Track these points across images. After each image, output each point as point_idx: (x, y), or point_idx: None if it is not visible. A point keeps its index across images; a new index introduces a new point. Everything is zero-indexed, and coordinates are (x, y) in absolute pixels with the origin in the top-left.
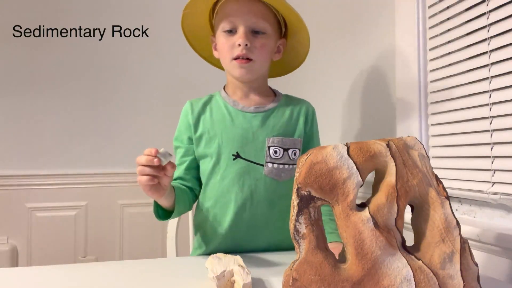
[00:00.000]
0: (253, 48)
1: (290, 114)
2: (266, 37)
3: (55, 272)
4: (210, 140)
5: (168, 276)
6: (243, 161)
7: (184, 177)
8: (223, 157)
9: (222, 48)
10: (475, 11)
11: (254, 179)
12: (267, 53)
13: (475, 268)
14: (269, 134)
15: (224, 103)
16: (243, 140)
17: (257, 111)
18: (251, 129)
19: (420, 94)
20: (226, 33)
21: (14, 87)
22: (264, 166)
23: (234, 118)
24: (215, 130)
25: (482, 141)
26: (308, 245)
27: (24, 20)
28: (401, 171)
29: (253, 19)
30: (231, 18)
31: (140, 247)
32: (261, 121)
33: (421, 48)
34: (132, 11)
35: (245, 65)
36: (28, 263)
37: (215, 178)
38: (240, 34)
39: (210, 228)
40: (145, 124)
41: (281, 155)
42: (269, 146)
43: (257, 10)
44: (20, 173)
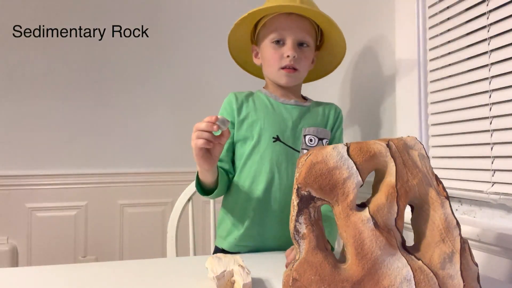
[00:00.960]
0: (299, 59)
1: (322, 112)
2: (309, 49)
3: (55, 272)
4: (253, 123)
5: (168, 276)
6: (282, 144)
7: (223, 158)
8: (263, 139)
9: (270, 58)
10: (475, 11)
11: (291, 163)
12: (308, 63)
13: (475, 268)
14: (305, 125)
15: (266, 96)
16: (283, 126)
17: (297, 104)
18: (291, 118)
19: (420, 94)
20: (274, 44)
21: (14, 87)
22: (300, 152)
23: (275, 108)
24: (258, 114)
25: (482, 141)
26: (308, 245)
27: (24, 20)
28: (401, 171)
29: (300, 33)
30: (281, 31)
31: (140, 247)
32: (299, 113)
33: (421, 48)
34: (132, 11)
35: (292, 74)
36: (28, 263)
37: (254, 157)
38: (289, 46)
39: (241, 208)
40: (145, 124)
41: (316, 143)
42: (305, 135)
43: (304, 26)
44: (20, 173)
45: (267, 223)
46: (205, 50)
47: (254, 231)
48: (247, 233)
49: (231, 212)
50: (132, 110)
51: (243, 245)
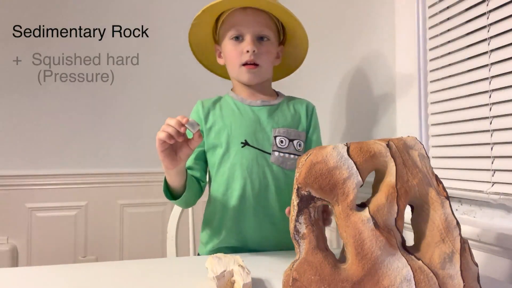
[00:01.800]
0: (259, 54)
1: (293, 110)
2: (270, 43)
3: (55, 272)
4: (220, 131)
5: (168, 276)
6: (252, 148)
7: (194, 166)
8: (232, 145)
9: (230, 55)
10: (475, 11)
11: (261, 166)
12: (271, 58)
13: (475, 268)
14: (275, 125)
15: (233, 100)
16: (251, 129)
17: (264, 105)
18: (259, 120)
19: (420, 94)
20: (233, 41)
21: (14, 87)
22: (271, 154)
23: (242, 112)
24: (224, 121)
25: (482, 141)
26: (308, 245)
27: (24, 20)
28: (401, 171)
29: (258, 27)
30: (238, 27)
31: (140, 247)
32: (267, 113)
33: (421, 48)
34: (132, 11)
35: (253, 70)
36: (28, 263)
37: (224, 166)
38: (248, 41)
39: (219, 217)
40: (145, 124)
41: (287, 145)
42: (275, 136)
43: (262, 19)
44: (20, 173)
45: (245, 229)
46: None
47: (232, 239)
48: (226, 241)
49: (210, 221)
50: (132, 110)
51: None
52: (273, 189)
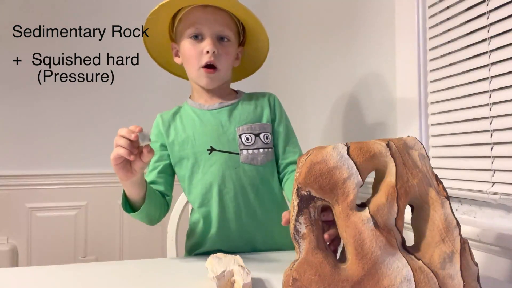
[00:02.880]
0: (219, 56)
1: (254, 104)
2: (230, 44)
3: (55, 272)
4: (183, 143)
5: (168, 276)
6: (219, 153)
7: (157, 180)
8: (199, 155)
9: (189, 55)
10: (475, 11)
11: (233, 168)
12: (231, 60)
13: (475, 268)
14: (237, 124)
15: (191, 108)
16: (214, 135)
17: (222, 106)
18: (220, 123)
19: (420, 94)
20: (192, 39)
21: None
22: (240, 154)
23: (202, 118)
24: (186, 132)
25: (482, 141)
26: (308, 245)
27: (24, 20)
28: (401, 171)
29: (219, 27)
30: (197, 26)
31: (140, 247)
32: (227, 114)
33: (421, 48)
34: (132, 11)
35: (211, 75)
36: (28, 263)
37: (196, 177)
38: (208, 41)
39: (201, 228)
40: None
41: (254, 141)
42: (240, 135)
43: (222, 18)
44: (20, 173)
45: (229, 234)
46: None
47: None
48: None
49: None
50: (132, 110)
51: None
52: (250, 188)
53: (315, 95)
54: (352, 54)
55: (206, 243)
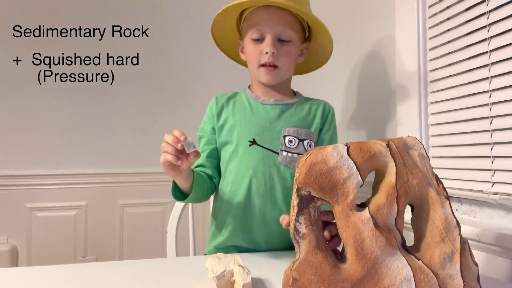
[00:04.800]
0: (279, 56)
1: (308, 109)
2: (291, 44)
3: (55, 272)
4: (231, 128)
5: (168, 276)
6: (259, 147)
7: (205, 164)
8: (241, 144)
9: (250, 55)
10: (475, 11)
11: (268, 166)
12: (292, 59)
13: (475, 268)
14: (285, 125)
15: (247, 97)
16: (260, 128)
17: (276, 104)
18: (269, 119)
19: (420, 94)
20: (254, 41)
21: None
22: (279, 154)
23: (253, 109)
24: (235, 119)
25: (482, 141)
26: (308, 245)
27: (24, 20)
28: (401, 171)
29: (280, 28)
30: (259, 27)
31: (140, 247)
32: (279, 112)
33: (421, 47)
34: (132, 11)
35: (271, 72)
36: (28, 263)
37: (232, 163)
38: (268, 42)
39: (224, 213)
40: (145, 124)
41: (296, 145)
42: (284, 136)
43: (284, 19)
44: (20, 173)
45: (251, 228)
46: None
47: (238, 238)
48: (232, 239)
49: (215, 218)
50: (132, 110)
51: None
52: (280, 189)
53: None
54: (352, 54)
55: (225, 232)
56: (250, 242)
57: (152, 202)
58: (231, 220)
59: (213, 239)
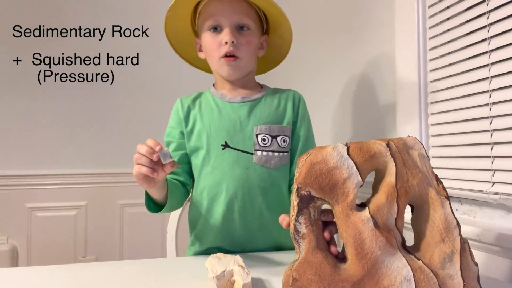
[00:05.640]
0: (239, 45)
1: (277, 102)
2: (250, 33)
3: (55, 272)
4: (200, 133)
5: (168, 276)
6: (232, 150)
7: (176, 171)
8: (213, 148)
9: (209, 47)
10: (475, 11)
11: (244, 168)
12: (253, 49)
13: (475, 268)
14: (256, 122)
15: (212, 97)
16: (231, 130)
17: (244, 101)
18: (239, 119)
19: (420, 94)
20: (211, 32)
21: (14, 87)
22: (253, 154)
23: (221, 110)
24: (203, 122)
25: (482, 141)
26: (308, 245)
27: (24, 20)
28: (401, 171)
29: (237, 16)
30: (215, 17)
31: (140, 247)
32: (248, 110)
33: (421, 48)
34: (132, 11)
35: (232, 63)
36: (28, 263)
37: (206, 169)
38: (226, 31)
39: (203, 222)
40: (145, 124)
41: (270, 143)
42: (257, 134)
43: (240, 7)
44: (20, 173)
45: (232, 231)
46: None
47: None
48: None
49: (193, 226)
50: (132, 110)
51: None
52: (258, 190)
53: (315, 95)
54: (351, 54)
55: (207, 238)
56: (233, 245)
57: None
58: (211, 227)
59: (192, 246)
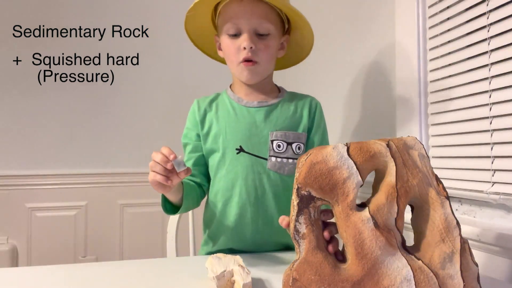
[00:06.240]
0: (257, 51)
1: (294, 108)
2: (270, 38)
3: (55, 272)
4: (216, 136)
5: (168, 276)
6: (247, 155)
7: (193, 172)
8: (228, 151)
9: (228, 51)
10: (475, 11)
11: (257, 173)
12: (272, 53)
13: (475, 268)
14: (272, 128)
15: (229, 99)
16: (246, 134)
17: (261, 106)
18: (255, 124)
19: (420, 94)
20: (230, 37)
21: (14, 87)
22: (268, 160)
23: (238, 113)
24: (220, 125)
25: (482, 141)
26: (308, 245)
27: (24, 20)
28: (401, 171)
29: (256, 21)
30: (234, 21)
31: (140, 247)
32: (264, 115)
33: (421, 48)
34: (132, 11)
35: (251, 67)
36: (28, 263)
37: (221, 172)
38: (245, 37)
39: (216, 223)
40: (145, 124)
41: (285, 149)
42: (272, 140)
43: (260, 11)
44: (20, 173)
45: (243, 234)
46: None
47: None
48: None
49: (208, 225)
50: (132, 110)
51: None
52: (271, 196)
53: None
54: (351, 54)
55: (219, 239)
56: (245, 248)
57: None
58: (224, 229)
59: (205, 245)
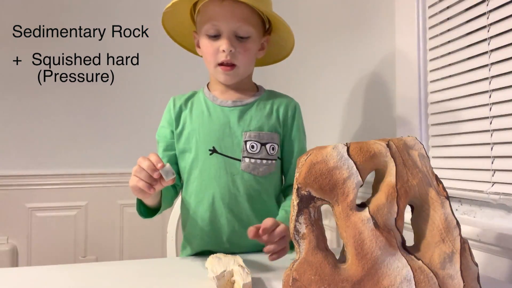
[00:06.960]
0: (237, 54)
1: (270, 108)
2: (249, 41)
3: (55, 272)
4: (189, 135)
5: (168, 276)
6: (220, 156)
7: None
8: (201, 152)
9: (206, 52)
10: (475, 11)
11: (231, 174)
12: (251, 56)
13: (475, 268)
14: (246, 128)
15: (205, 98)
16: (220, 134)
17: (235, 105)
18: (228, 124)
19: (420, 94)
20: (209, 37)
21: (14, 87)
22: (241, 161)
23: (211, 113)
24: (193, 125)
25: (482, 141)
26: (308, 245)
27: (24, 20)
28: (401, 171)
29: (236, 23)
30: (214, 22)
31: (140, 247)
32: (238, 115)
33: (421, 48)
34: (132, 11)
35: (229, 72)
36: (28, 263)
37: (194, 173)
38: (224, 39)
39: (192, 225)
40: (145, 124)
41: (259, 150)
42: (246, 141)
43: (241, 13)
44: (20, 173)
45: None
46: None
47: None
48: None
49: (183, 228)
50: (132, 110)
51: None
52: (245, 197)
53: (315, 95)
54: (352, 54)
55: (196, 240)
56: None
57: None
58: (199, 231)
59: (183, 249)
